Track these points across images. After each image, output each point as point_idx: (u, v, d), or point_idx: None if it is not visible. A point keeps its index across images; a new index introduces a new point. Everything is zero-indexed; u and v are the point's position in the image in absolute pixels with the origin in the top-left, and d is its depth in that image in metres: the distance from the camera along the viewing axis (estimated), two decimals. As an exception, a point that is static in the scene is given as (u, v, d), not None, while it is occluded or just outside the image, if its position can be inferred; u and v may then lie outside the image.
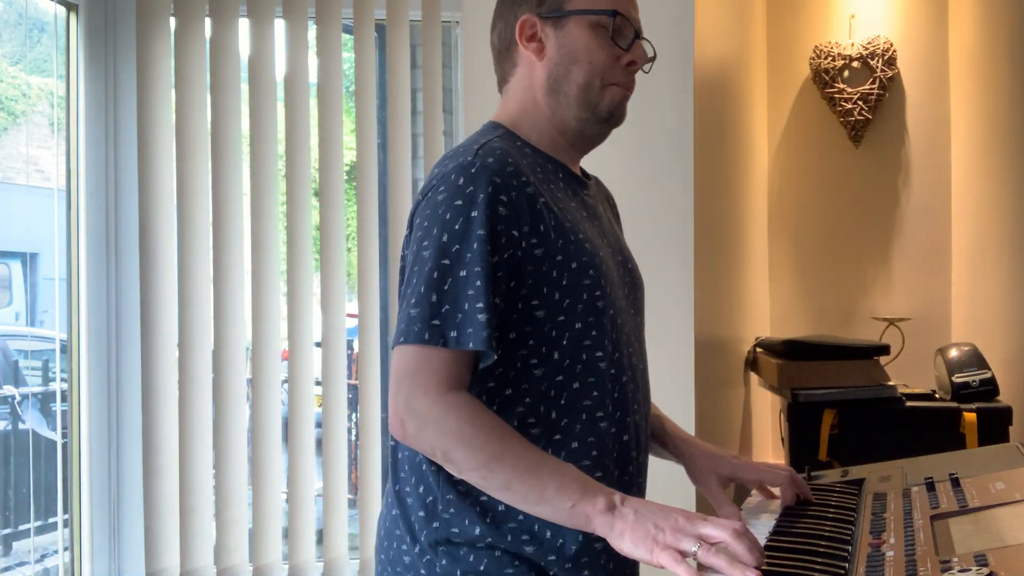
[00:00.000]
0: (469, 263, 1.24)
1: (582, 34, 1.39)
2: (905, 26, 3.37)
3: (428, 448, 1.24)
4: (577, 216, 1.38)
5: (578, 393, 1.32)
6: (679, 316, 2.39)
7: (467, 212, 1.26)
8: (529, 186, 1.30)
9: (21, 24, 3.06)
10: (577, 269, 1.31)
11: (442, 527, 1.29)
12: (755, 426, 3.32)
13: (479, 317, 1.23)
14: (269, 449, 2.75)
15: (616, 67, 1.40)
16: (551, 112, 1.41)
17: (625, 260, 1.47)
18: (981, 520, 1.21)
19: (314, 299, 2.83)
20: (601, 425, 1.33)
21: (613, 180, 2.49)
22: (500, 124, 1.42)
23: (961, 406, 2.58)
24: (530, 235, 1.28)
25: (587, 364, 1.32)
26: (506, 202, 1.27)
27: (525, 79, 1.42)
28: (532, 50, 1.41)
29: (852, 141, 3.38)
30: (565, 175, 1.42)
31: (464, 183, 1.27)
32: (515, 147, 1.37)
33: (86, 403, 2.73)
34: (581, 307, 1.31)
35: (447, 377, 1.23)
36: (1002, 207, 2.90)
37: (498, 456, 1.21)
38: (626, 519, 1.17)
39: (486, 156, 1.29)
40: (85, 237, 2.74)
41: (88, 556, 2.75)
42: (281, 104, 2.80)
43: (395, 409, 1.24)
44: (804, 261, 3.45)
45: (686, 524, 1.14)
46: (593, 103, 1.40)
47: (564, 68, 1.39)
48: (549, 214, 1.31)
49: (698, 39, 2.44)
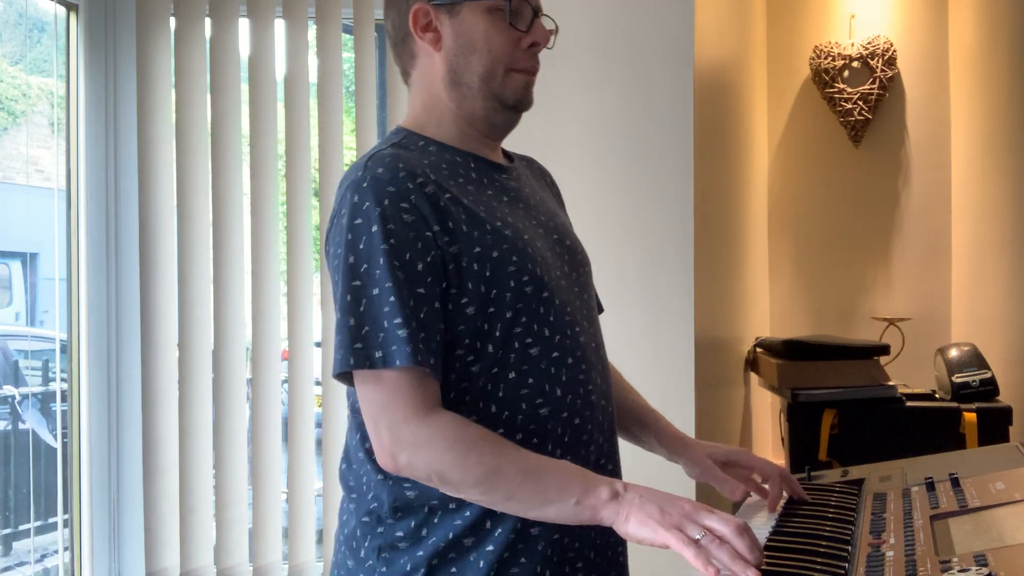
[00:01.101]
0: (379, 280, 1.21)
1: (478, 21, 1.33)
2: (905, 26, 3.37)
3: (423, 474, 1.22)
4: (495, 203, 1.34)
5: (514, 383, 1.28)
6: (679, 316, 2.39)
7: (368, 229, 1.23)
8: (428, 186, 1.27)
9: (21, 24, 3.06)
10: (499, 257, 1.28)
11: (386, 532, 1.29)
12: (755, 426, 3.32)
13: (399, 333, 1.20)
14: (269, 449, 2.75)
15: (518, 51, 1.35)
16: (456, 105, 1.36)
17: (562, 238, 1.42)
18: (981, 520, 1.21)
19: (314, 299, 2.83)
20: (541, 412, 1.29)
21: (613, 180, 2.49)
22: (403, 128, 1.39)
23: (961, 406, 2.58)
24: (442, 233, 1.25)
25: (519, 352, 1.29)
26: (407, 208, 1.24)
27: (426, 72, 1.37)
28: (428, 41, 1.35)
29: (852, 141, 3.38)
30: (477, 164, 1.37)
31: (359, 200, 1.24)
32: (416, 149, 1.34)
33: (86, 403, 2.73)
34: (509, 295, 1.28)
35: (420, 399, 1.21)
36: (1002, 207, 2.90)
37: (495, 470, 1.20)
38: (631, 503, 1.17)
39: (375, 168, 1.26)
40: (85, 237, 2.74)
41: (88, 556, 2.75)
42: (281, 104, 2.80)
43: (381, 444, 1.22)
44: (804, 261, 3.45)
45: (692, 511, 1.14)
46: (497, 92, 1.35)
47: (464, 58, 1.34)
48: (457, 208, 1.28)
49: (698, 39, 2.44)
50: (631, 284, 2.41)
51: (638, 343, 2.37)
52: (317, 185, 2.81)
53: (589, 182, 2.41)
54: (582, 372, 1.34)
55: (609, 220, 2.41)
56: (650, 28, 2.43)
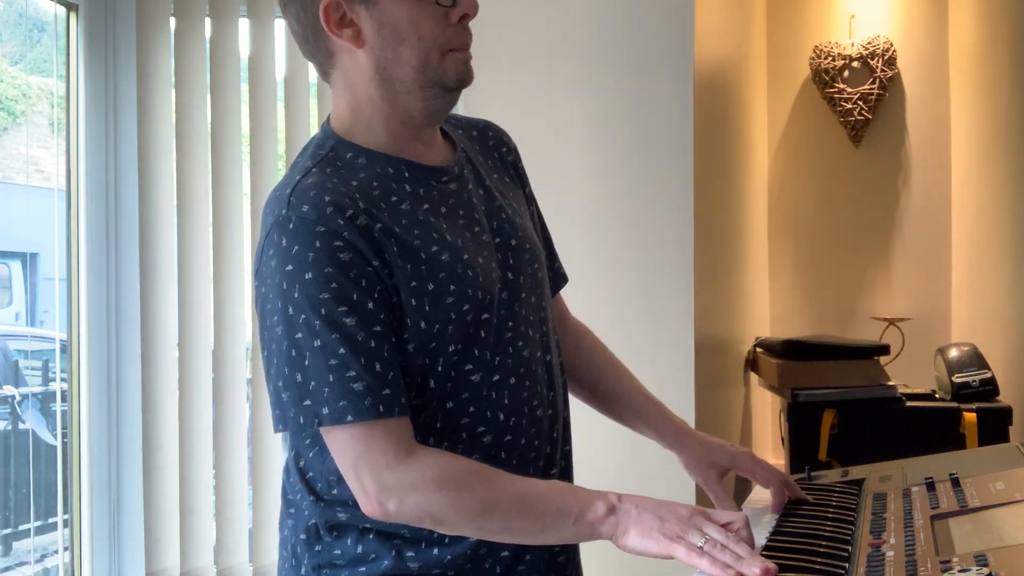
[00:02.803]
0: (320, 332, 1.13)
1: (400, 6, 1.19)
2: (905, 26, 3.37)
3: (415, 518, 1.16)
4: (432, 219, 1.23)
5: (453, 413, 1.22)
6: (679, 316, 2.39)
7: (301, 276, 1.13)
8: (359, 217, 1.16)
9: (21, 24, 3.06)
10: (435, 290, 1.19)
11: (324, 550, 1.26)
12: (755, 426, 3.32)
13: (353, 387, 1.12)
14: (269, 449, 2.75)
15: (449, 29, 1.21)
16: (389, 104, 1.23)
17: (506, 240, 1.30)
18: (981, 520, 1.21)
19: (314, 299, 2.82)
20: (484, 440, 1.24)
21: (613, 180, 2.49)
22: (331, 131, 1.27)
23: (961, 406, 2.58)
24: (381, 267, 1.16)
25: (457, 381, 1.22)
26: (342, 246, 1.14)
27: (349, 72, 1.23)
28: (347, 38, 1.20)
29: (852, 141, 3.38)
30: (412, 172, 1.25)
31: (288, 243, 1.14)
32: (343, 164, 1.22)
33: (86, 403, 2.73)
34: (451, 328, 1.20)
35: (398, 441, 1.15)
36: (1002, 207, 2.90)
37: (489, 504, 1.16)
38: (628, 515, 1.14)
39: (300, 205, 1.15)
40: (85, 237, 2.74)
41: (88, 556, 2.75)
42: (281, 104, 2.80)
43: (366, 494, 1.15)
44: (804, 261, 3.45)
45: (690, 517, 1.13)
46: (435, 79, 1.22)
47: (392, 51, 1.20)
48: (389, 239, 1.17)
49: (698, 39, 2.44)
50: (631, 284, 2.41)
51: (638, 343, 2.37)
52: (317, 185, 2.81)
53: (589, 182, 2.41)
54: (525, 390, 1.28)
55: (609, 220, 2.41)
56: (650, 28, 2.43)
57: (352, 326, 1.13)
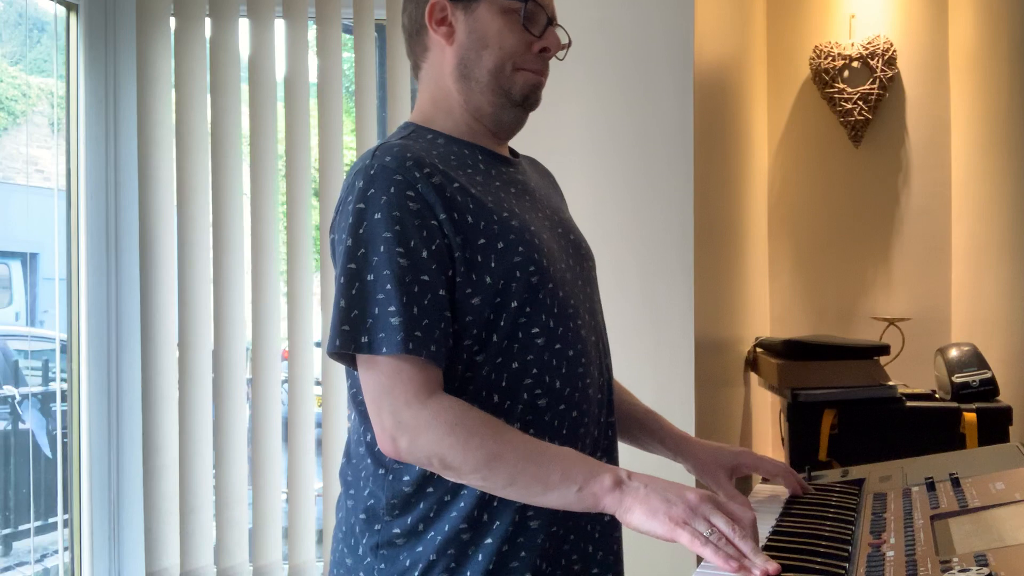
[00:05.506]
0: (376, 267, 1.22)
1: (493, 19, 1.36)
2: (905, 26, 3.37)
3: (424, 459, 1.21)
4: (502, 194, 1.35)
5: (518, 373, 1.28)
6: (679, 316, 2.39)
7: (371, 215, 1.24)
8: (435, 176, 1.27)
9: (21, 24, 3.06)
10: (505, 248, 1.28)
11: (384, 529, 1.29)
12: (755, 426, 3.32)
13: (392, 321, 1.20)
14: (269, 449, 2.75)
15: (528, 53, 1.37)
16: (464, 99, 1.38)
17: (567, 232, 1.43)
18: (981, 520, 1.21)
19: (314, 299, 2.83)
20: (540, 403, 1.29)
21: (614, 180, 2.49)
22: (411, 123, 1.41)
23: (961, 406, 2.58)
24: (448, 223, 1.25)
25: (524, 342, 1.29)
26: (413, 196, 1.25)
27: (436, 65, 1.39)
28: (442, 34, 1.38)
29: (852, 141, 3.38)
30: (485, 156, 1.39)
31: (365, 186, 1.25)
32: (424, 141, 1.35)
33: (86, 403, 2.73)
34: (515, 285, 1.28)
35: (423, 383, 1.21)
36: (1002, 207, 2.90)
37: (496, 454, 1.19)
38: (636, 493, 1.16)
39: (383, 156, 1.27)
40: (85, 237, 2.74)
41: (88, 556, 2.75)
42: (281, 104, 2.80)
43: (382, 428, 1.21)
44: (804, 261, 3.45)
45: (698, 505, 1.13)
46: (505, 88, 1.37)
47: (475, 53, 1.36)
48: (465, 197, 1.29)
49: (698, 39, 2.44)
50: (631, 284, 2.41)
51: (638, 343, 2.37)
52: (317, 185, 2.81)
53: (589, 182, 2.41)
54: (581, 366, 1.34)
55: (609, 220, 2.41)
56: (650, 28, 2.43)
57: (403, 267, 1.22)
